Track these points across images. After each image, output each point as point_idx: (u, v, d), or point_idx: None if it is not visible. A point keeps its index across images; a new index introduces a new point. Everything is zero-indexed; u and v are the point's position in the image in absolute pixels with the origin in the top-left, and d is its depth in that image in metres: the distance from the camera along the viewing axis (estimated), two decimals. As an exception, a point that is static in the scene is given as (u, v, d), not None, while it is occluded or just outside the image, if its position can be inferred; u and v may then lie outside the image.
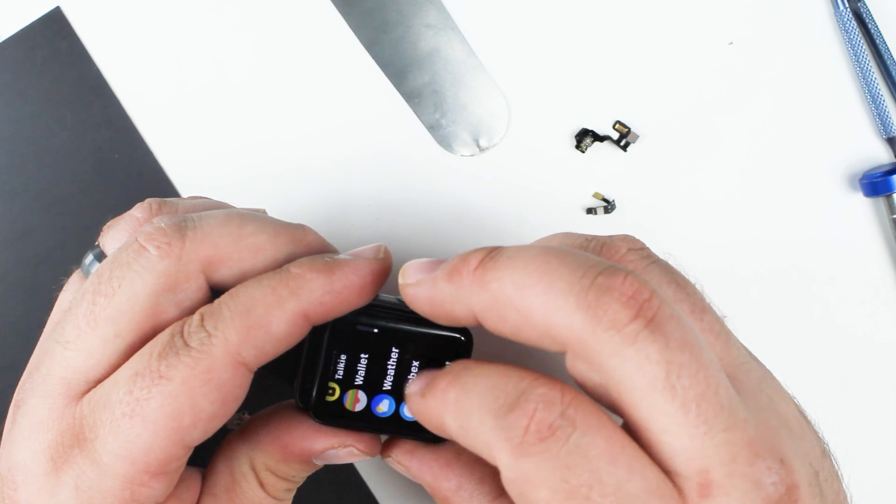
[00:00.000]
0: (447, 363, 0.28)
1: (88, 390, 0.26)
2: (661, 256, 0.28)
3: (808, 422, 0.26)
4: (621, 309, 0.23)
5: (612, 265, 0.24)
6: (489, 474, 0.29)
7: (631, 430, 0.23)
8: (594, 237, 0.28)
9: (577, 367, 0.24)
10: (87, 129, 0.43)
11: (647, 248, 0.28)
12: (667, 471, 0.23)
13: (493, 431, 0.23)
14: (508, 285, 0.24)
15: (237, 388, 0.26)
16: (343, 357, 0.29)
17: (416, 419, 0.28)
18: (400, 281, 0.28)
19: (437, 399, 0.26)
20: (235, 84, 0.42)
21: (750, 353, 0.27)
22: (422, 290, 0.27)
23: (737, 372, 0.25)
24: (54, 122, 0.43)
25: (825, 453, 0.25)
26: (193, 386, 0.25)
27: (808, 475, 0.23)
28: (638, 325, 0.22)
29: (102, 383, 0.26)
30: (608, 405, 0.25)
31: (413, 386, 0.28)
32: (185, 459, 0.27)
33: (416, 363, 0.29)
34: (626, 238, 0.28)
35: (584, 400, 0.23)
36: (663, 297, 0.23)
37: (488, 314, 0.25)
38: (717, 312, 0.27)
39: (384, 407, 0.29)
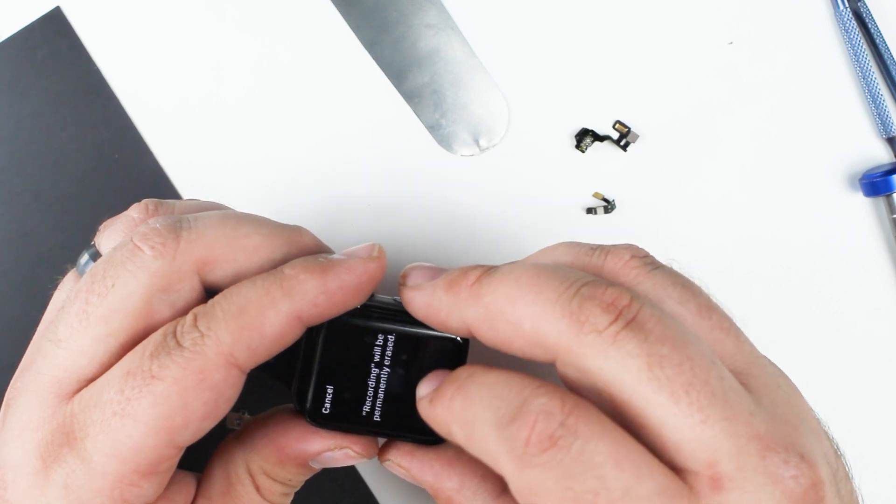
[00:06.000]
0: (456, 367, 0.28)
1: (80, 389, 0.26)
2: (665, 263, 0.28)
3: (820, 423, 0.26)
4: (601, 314, 0.24)
5: (597, 279, 0.25)
6: (492, 472, 0.29)
7: (632, 431, 0.23)
8: (598, 246, 0.28)
9: (567, 374, 0.25)
10: (87, 129, 0.43)
11: (651, 256, 0.28)
12: (676, 469, 0.23)
13: (496, 443, 0.24)
14: (501, 297, 0.25)
15: (229, 388, 0.26)
16: (339, 358, 0.29)
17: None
18: (400, 282, 0.29)
19: (444, 407, 0.26)
20: (235, 84, 0.42)
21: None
22: (420, 296, 0.28)
23: (751, 368, 0.25)
24: (54, 122, 0.43)
25: (837, 454, 0.25)
26: (185, 386, 0.25)
27: (829, 474, 0.23)
28: (617, 326, 0.23)
29: (94, 382, 0.26)
30: (604, 411, 0.24)
31: (422, 389, 0.28)
32: (176, 460, 0.26)
33: (412, 364, 0.29)
34: (630, 246, 0.28)
35: (586, 407, 0.23)
36: (645, 302, 0.24)
37: (481, 325, 0.26)
38: (727, 312, 0.27)
39: (381, 408, 0.29)
